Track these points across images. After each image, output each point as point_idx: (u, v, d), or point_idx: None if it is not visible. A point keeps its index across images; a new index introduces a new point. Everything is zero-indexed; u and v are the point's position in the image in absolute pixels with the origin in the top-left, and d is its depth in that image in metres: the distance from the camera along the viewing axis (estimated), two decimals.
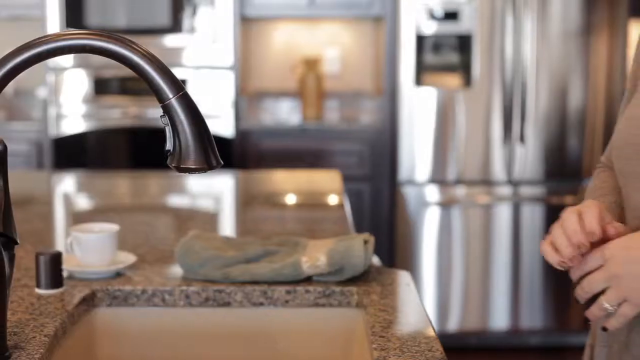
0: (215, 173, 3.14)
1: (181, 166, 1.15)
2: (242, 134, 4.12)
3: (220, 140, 4.12)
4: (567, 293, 4.01)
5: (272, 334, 1.56)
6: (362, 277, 1.58)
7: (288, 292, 1.54)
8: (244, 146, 4.11)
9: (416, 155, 3.96)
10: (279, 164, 3.96)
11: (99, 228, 1.64)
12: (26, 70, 1.16)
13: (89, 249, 1.58)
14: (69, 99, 4.15)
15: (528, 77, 3.87)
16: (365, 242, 1.57)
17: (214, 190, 2.81)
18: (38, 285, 1.50)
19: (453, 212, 3.98)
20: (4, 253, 1.20)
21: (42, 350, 1.25)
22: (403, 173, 3.98)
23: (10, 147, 4.51)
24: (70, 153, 4.15)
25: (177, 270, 1.64)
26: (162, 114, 1.15)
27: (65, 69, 4.07)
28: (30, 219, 2.21)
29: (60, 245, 1.91)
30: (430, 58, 3.93)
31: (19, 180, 2.91)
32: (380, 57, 4.33)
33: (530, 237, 4.00)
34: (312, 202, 2.56)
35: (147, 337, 1.55)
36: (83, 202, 2.65)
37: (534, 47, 3.85)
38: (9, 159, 4.58)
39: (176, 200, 2.69)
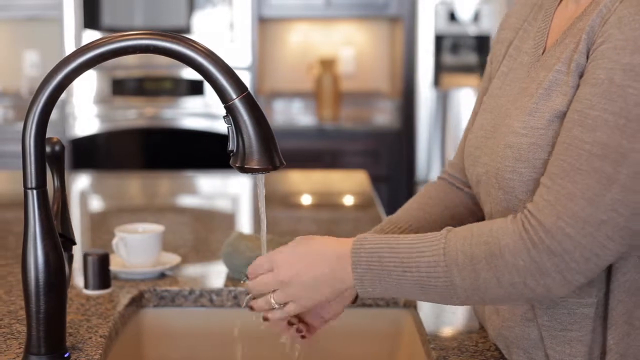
0: (233, 174, 3.14)
1: (245, 166, 1.14)
2: None
3: None
4: None
5: (319, 334, 1.55)
6: None
7: None
8: None
9: (433, 155, 3.96)
10: (296, 165, 3.95)
11: (142, 228, 1.64)
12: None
13: (135, 250, 1.57)
14: (85, 100, 4.15)
15: None
16: None
17: (237, 191, 2.81)
18: (86, 286, 1.50)
19: None
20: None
21: (100, 351, 1.25)
22: (420, 173, 3.98)
23: None
24: (87, 154, 4.15)
25: (220, 270, 1.64)
26: (225, 114, 1.15)
27: None
28: None
29: (85, 246, 1.90)
30: (448, 59, 3.93)
31: None
32: (397, 58, 4.33)
33: None
34: (346, 203, 2.56)
35: (193, 337, 1.55)
36: (105, 203, 2.65)
37: None
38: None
39: (201, 201, 2.69)
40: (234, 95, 1.13)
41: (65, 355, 1.19)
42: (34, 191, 1.16)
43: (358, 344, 1.56)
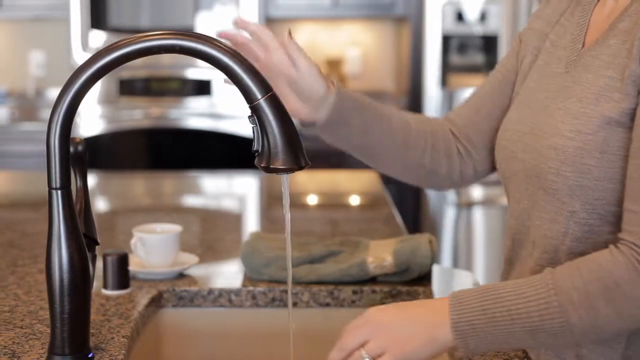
0: (242, 174, 3.14)
1: (270, 166, 1.14)
2: None
3: (246, 141, 4.12)
4: None
5: (338, 334, 1.55)
6: (426, 277, 1.58)
7: (355, 293, 1.54)
8: None
9: None
10: None
11: (160, 228, 1.63)
12: (49, 71, 1.15)
13: (153, 250, 1.57)
14: (91, 101, 4.15)
15: None
16: (430, 242, 1.57)
17: (245, 191, 2.81)
18: (105, 286, 1.50)
19: (475, 212, 3.98)
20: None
21: (123, 351, 1.25)
22: None
23: (33, 148, 4.54)
24: (93, 154, 4.14)
25: (237, 270, 1.64)
26: (250, 114, 1.15)
27: None
28: None
29: (99, 246, 1.90)
30: (455, 59, 3.93)
31: (43, 181, 2.90)
32: (403, 58, 4.33)
33: None
34: (358, 203, 2.56)
35: (212, 337, 1.55)
36: (114, 204, 2.64)
37: None
38: (33, 160, 4.63)
39: (209, 201, 2.69)
40: (259, 95, 1.13)
41: (89, 356, 1.19)
42: (59, 191, 1.16)
43: None
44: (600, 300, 1.00)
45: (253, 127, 1.15)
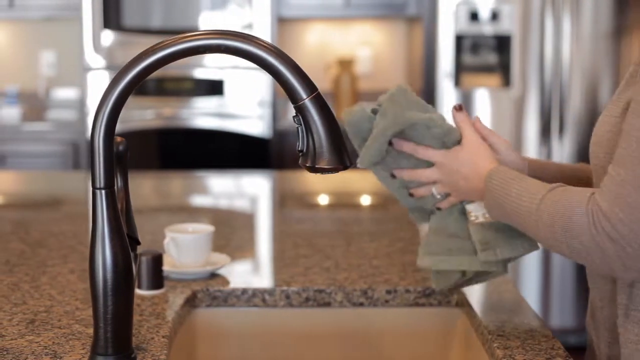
0: (253, 174, 3.14)
1: (315, 166, 1.14)
2: (279, 135, 4.11)
3: (257, 141, 4.12)
4: None
5: (371, 334, 1.56)
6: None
7: (388, 292, 1.54)
8: (281, 147, 4.10)
9: None
10: None
11: (192, 228, 1.64)
12: (60, 71, 1.15)
13: (186, 250, 1.57)
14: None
15: (565, 78, 3.87)
16: None
17: (263, 191, 2.81)
18: (139, 286, 1.50)
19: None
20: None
21: (165, 351, 1.25)
22: None
23: (46, 148, 4.52)
24: None
25: (267, 271, 1.64)
26: (295, 114, 1.15)
27: (98, 69, 4.06)
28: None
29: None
30: (468, 59, 3.93)
31: (59, 181, 2.91)
32: (414, 57, 4.33)
33: None
34: (368, 203, 2.56)
35: (246, 337, 1.55)
36: (135, 204, 2.63)
37: (570, 48, 3.85)
38: (45, 160, 4.61)
39: (229, 202, 2.69)
40: (304, 95, 1.13)
41: (132, 356, 1.19)
42: (103, 191, 1.16)
43: (409, 343, 1.56)
44: (559, 235, 1.13)
45: (298, 127, 1.15)
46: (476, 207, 1.37)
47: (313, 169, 1.15)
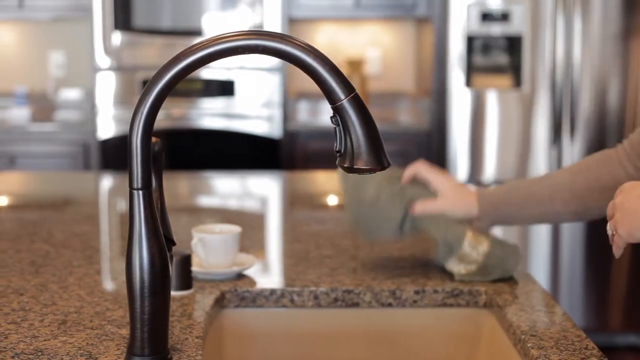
0: (264, 174, 3.14)
1: (353, 167, 1.14)
2: (290, 135, 4.11)
3: (267, 142, 4.12)
4: (608, 292, 4.01)
5: (399, 334, 1.56)
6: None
7: (417, 292, 1.54)
8: (292, 147, 4.11)
9: (464, 155, 3.96)
10: (327, 166, 3.95)
11: (219, 229, 1.64)
12: (69, 72, 1.15)
13: (214, 250, 1.57)
14: (114, 102, 4.15)
15: (576, 79, 3.87)
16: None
17: (275, 191, 2.81)
18: None
19: None
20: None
21: (200, 352, 1.25)
22: (452, 174, 3.98)
23: (55, 149, 4.52)
24: (117, 155, 4.15)
25: (294, 272, 1.64)
26: (333, 114, 1.15)
27: (109, 70, 4.07)
28: (86, 220, 2.20)
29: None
30: (479, 59, 3.93)
31: (72, 181, 2.90)
32: (424, 58, 4.33)
33: (570, 236, 4.00)
34: None
35: (274, 337, 1.55)
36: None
37: (580, 49, 3.86)
38: (55, 161, 4.61)
39: (245, 203, 2.69)
40: (342, 96, 1.14)
41: (168, 357, 1.19)
42: (140, 192, 1.16)
43: (436, 344, 1.56)
44: None
45: (335, 128, 1.15)
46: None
47: (351, 170, 1.15)
